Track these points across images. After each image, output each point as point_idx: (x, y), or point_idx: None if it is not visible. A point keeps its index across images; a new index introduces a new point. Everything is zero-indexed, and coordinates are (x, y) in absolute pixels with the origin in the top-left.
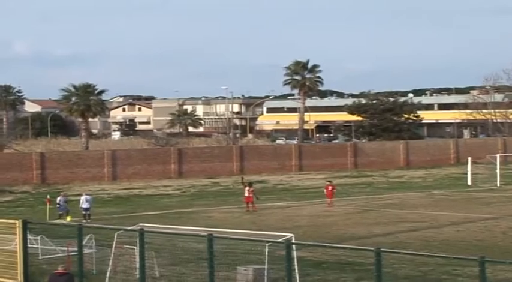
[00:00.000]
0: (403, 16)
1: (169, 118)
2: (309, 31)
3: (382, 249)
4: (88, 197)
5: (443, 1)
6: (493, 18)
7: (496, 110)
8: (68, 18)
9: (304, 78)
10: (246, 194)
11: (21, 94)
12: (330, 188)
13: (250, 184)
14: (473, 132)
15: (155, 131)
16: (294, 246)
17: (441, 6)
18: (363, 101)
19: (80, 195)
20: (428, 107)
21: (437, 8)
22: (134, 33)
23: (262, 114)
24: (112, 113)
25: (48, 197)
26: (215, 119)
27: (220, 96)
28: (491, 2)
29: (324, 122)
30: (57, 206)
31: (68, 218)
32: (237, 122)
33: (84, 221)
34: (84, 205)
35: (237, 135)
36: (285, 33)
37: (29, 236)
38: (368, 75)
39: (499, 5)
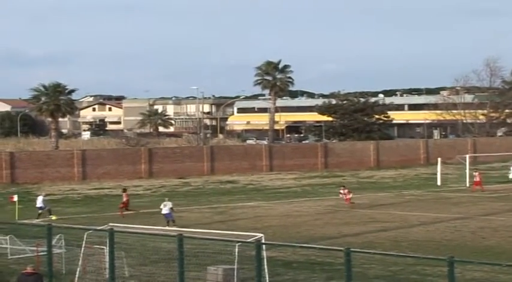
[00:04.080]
0: (374, 17)
1: (140, 118)
2: (280, 32)
3: (351, 249)
4: (40, 198)
5: (415, 2)
6: (464, 20)
7: (466, 111)
8: (39, 18)
9: (275, 78)
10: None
11: None
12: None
13: (124, 190)
14: (443, 133)
15: (125, 130)
16: (264, 246)
17: (413, 8)
18: (333, 101)
19: (47, 195)
20: (399, 107)
21: (409, 9)
22: (105, 34)
23: (232, 114)
24: (82, 112)
25: (15, 197)
26: (185, 119)
27: (190, 96)
28: (462, 4)
29: (295, 122)
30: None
31: (53, 217)
32: (208, 122)
33: (36, 220)
34: (39, 204)
35: (208, 135)
36: (256, 33)
37: None
38: (339, 75)
39: (470, 7)
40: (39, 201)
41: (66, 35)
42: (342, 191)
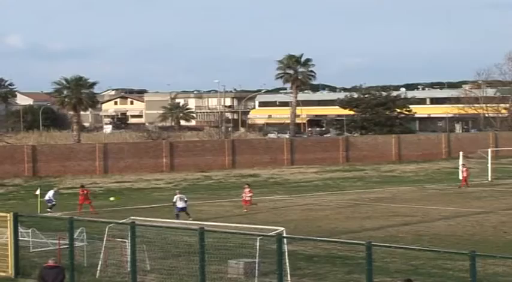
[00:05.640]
0: (395, 11)
1: (161, 111)
2: (302, 25)
3: (373, 243)
4: (51, 192)
5: None
6: (485, 13)
7: (488, 105)
8: (62, 13)
9: (296, 72)
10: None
11: (13, 87)
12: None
13: (82, 186)
14: (465, 127)
15: (147, 124)
16: (285, 240)
17: (434, 2)
18: (355, 95)
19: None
20: (421, 101)
21: (431, 4)
22: (126, 27)
23: (254, 108)
24: (104, 106)
25: (38, 190)
26: (207, 112)
27: (212, 90)
28: None
29: (316, 116)
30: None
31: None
32: (229, 115)
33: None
34: (46, 197)
35: (229, 129)
36: (278, 27)
37: (20, 229)
38: (361, 69)
39: (492, 0)
40: (47, 195)
41: (87, 29)
42: (245, 190)
